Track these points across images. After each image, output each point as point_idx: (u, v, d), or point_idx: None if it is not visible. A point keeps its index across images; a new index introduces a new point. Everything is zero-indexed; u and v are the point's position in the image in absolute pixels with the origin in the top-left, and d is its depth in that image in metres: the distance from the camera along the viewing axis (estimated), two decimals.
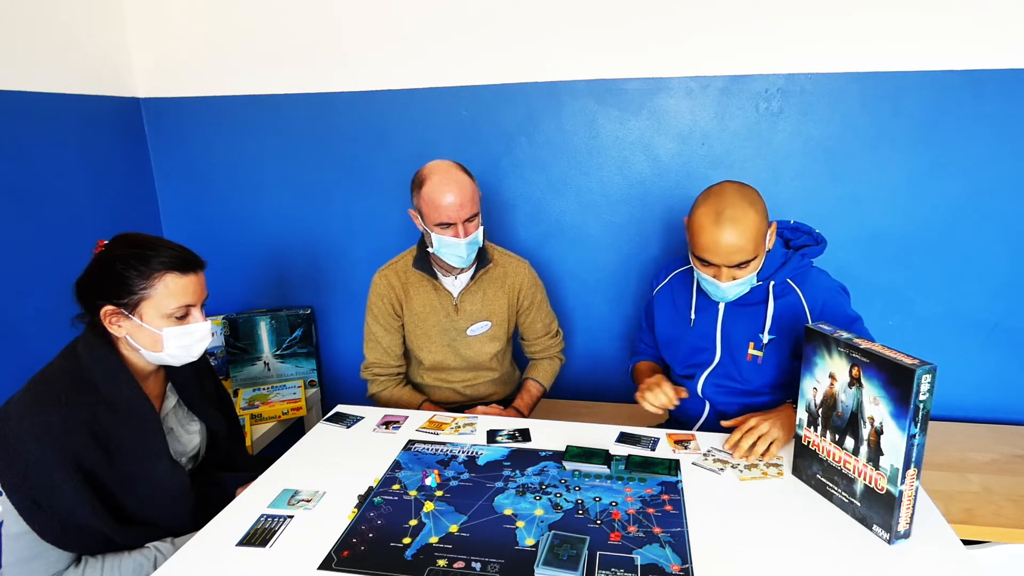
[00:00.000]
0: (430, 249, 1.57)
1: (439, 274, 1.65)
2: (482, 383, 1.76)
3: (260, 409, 1.93)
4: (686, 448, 1.28)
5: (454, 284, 1.66)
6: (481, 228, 1.55)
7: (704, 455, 1.26)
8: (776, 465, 1.20)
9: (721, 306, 1.42)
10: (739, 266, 1.26)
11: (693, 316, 1.46)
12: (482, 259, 1.65)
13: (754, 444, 1.23)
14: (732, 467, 1.21)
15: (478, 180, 1.57)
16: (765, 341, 1.37)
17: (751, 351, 1.39)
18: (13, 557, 1.03)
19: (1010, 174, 1.74)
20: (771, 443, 1.23)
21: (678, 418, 1.59)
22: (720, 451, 1.27)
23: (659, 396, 1.34)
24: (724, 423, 1.33)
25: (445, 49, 1.94)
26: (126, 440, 1.10)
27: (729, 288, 1.30)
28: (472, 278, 1.65)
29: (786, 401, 1.43)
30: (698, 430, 1.45)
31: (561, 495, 1.12)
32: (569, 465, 1.21)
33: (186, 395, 1.27)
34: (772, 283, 1.36)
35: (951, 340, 1.89)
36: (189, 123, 2.17)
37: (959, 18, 1.65)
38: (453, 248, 1.52)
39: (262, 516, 1.08)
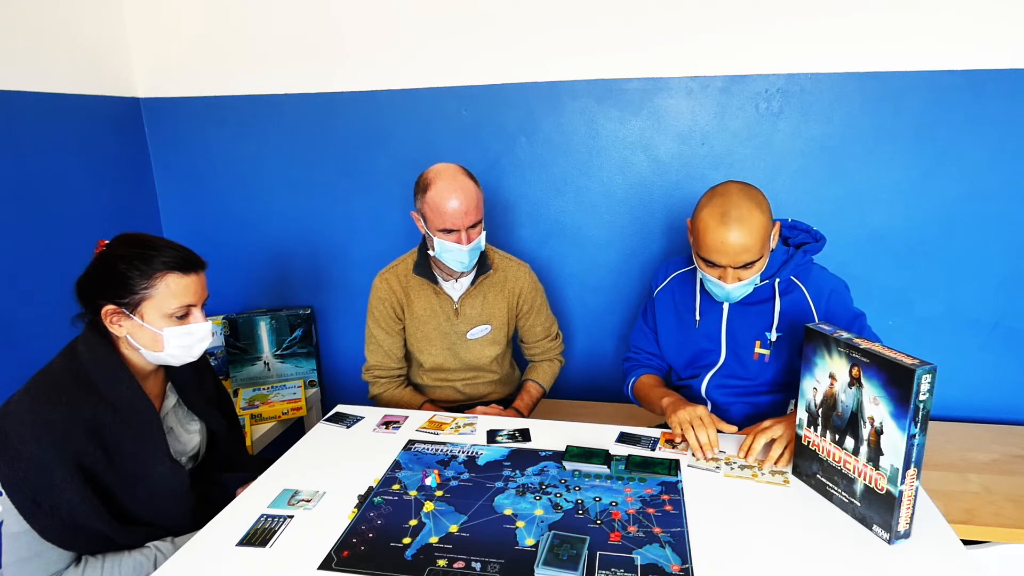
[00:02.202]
0: (431, 252, 1.57)
1: (440, 278, 1.65)
2: (482, 382, 1.76)
3: (260, 409, 1.93)
4: (674, 447, 1.28)
5: (455, 288, 1.66)
6: (483, 233, 1.55)
7: (694, 454, 1.25)
8: (782, 472, 1.19)
9: (725, 306, 1.41)
10: (745, 267, 1.26)
11: (698, 318, 1.45)
12: (483, 265, 1.65)
13: (770, 447, 1.22)
14: (727, 464, 1.21)
15: (479, 180, 1.57)
16: (773, 339, 1.37)
17: (758, 350, 1.39)
18: (13, 556, 1.03)
19: (1010, 174, 1.74)
20: (786, 447, 1.21)
21: None
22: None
23: (703, 435, 1.23)
24: (726, 429, 1.30)
25: (446, 49, 1.94)
26: (126, 439, 1.10)
27: (734, 289, 1.29)
28: (473, 283, 1.65)
29: (789, 399, 1.42)
30: None
31: (561, 495, 1.12)
32: (569, 465, 1.21)
33: (186, 395, 1.27)
34: (777, 281, 1.36)
35: (951, 340, 1.89)
36: (189, 123, 2.17)
37: (959, 18, 1.65)
38: (455, 254, 1.52)
39: (262, 516, 1.08)
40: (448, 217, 1.47)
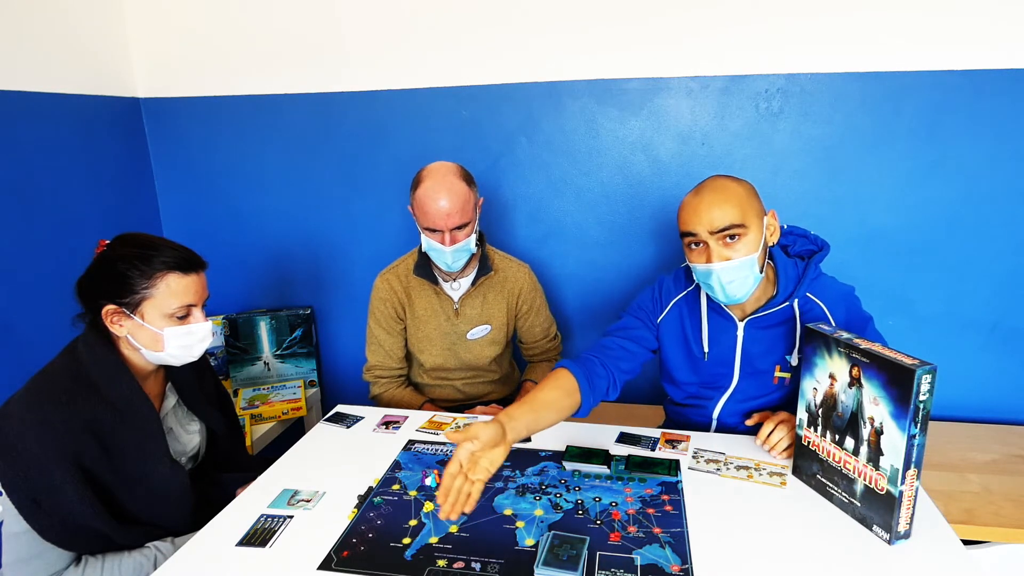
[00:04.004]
0: (424, 248, 1.58)
1: (440, 279, 1.65)
2: (482, 382, 1.76)
3: (260, 409, 1.93)
4: (674, 448, 1.28)
5: (454, 289, 1.66)
6: (473, 236, 1.54)
7: (694, 456, 1.25)
8: (780, 475, 1.19)
9: (740, 332, 1.30)
10: (725, 237, 1.15)
11: (707, 349, 1.34)
12: (483, 265, 1.65)
13: (781, 437, 1.21)
14: (725, 465, 1.21)
15: (478, 180, 1.57)
16: (795, 363, 1.28)
17: (778, 373, 1.31)
18: (13, 556, 1.03)
19: (1010, 174, 1.74)
20: (790, 443, 1.21)
21: (678, 426, 1.51)
22: (709, 452, 1.27)
23: (456, 507, 0.98)
24: (749, 422, 1.29)
25: (445, 49, 1.94)
26: (126, 440, 1.10)
27: (723, 270, 1.16)
28: (473, 283, 1.65)
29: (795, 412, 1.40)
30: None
31: (561, 495, 1.12)
32: (569, 465, 1.21)
33: (186, 395, 1.27)
34: (796, 301, 1.27)
35: (951, 340, 1.89)
36: (189, 123, 2.17)
37: (959, 18, 1.65)
38: (438, 254, 1.53)
39: (262, 516, 1.08)
40: (431, 217, 1.47)
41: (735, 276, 1.18)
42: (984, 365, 1.89)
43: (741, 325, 1.30)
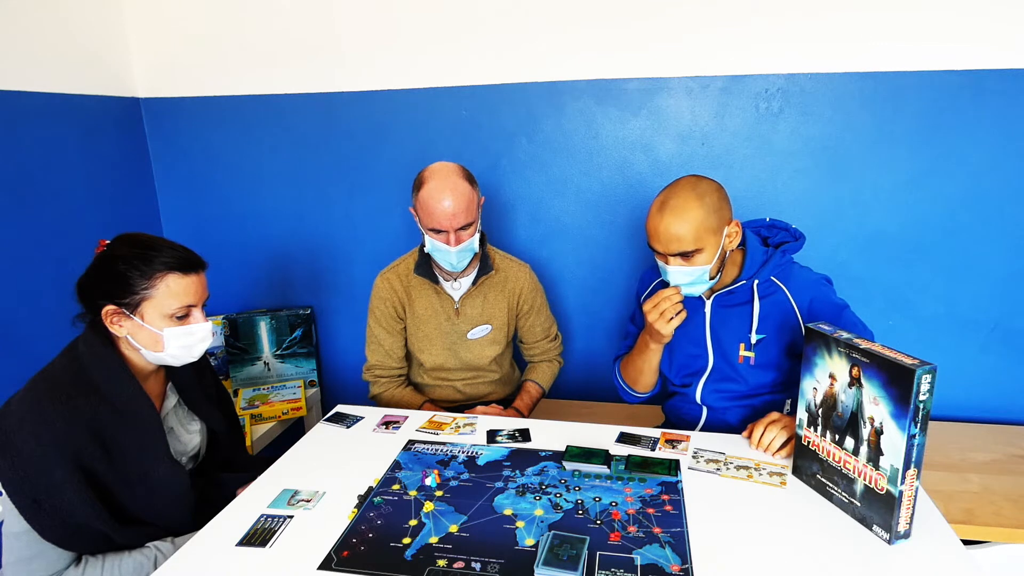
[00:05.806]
0: (427, 249, 1.58)
1: (440, 278, 1.65)
2: (482, 382, 1.76)
3: (260, 409, 1.93)
4: (674, 448, 1.28)
5: (455, 288, 1.66)
6: (476, 236, 1.55)
7: (694, 456, 1.25)
8: (780, 474, 1.19)
9: (707, 309, 1.41)
10: (684, 256, 1.27)
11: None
12: (484, 265, 1.65)
13: (773, 437, 1.23)
14: (725, 465, 1.21)
15: (478, 180, 1.57)
16: (754, 341, 1.37)
17: (742, 352, 1.39)
18: (13, 556, 1.03)
19: (1010, 174, 1.74)
20: (786, 440, 1.22)
21: (675, 424, 1.57)
22: (709, 451, 1.27)
23: (667, 307, 1.30)
24: (744, 434, 1.31)
25: (445, 49, 1.94)
26: (127, 439, 1.10)
27: (675, 275, 1.30)
28: (473, 283, 1.65)
29: (784, 400, 1.42)
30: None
31: (561, 495, 1.12)
32: (569, 465, 1.21)
33: (186, 394, 1.28)
34: (756, 283, 1.36)
35: (951, 340, 1.89)
36: (189, 123, 2.17)
37: (959, 18, 1.65)
38: (443, 254, 1.53)
39: (262, 516, 1.08)
40: (436, 217, 1.47)
41: (683, 281, 1.31)
42: (984, 365, 1.89)
43: (708, 302, 1.41)
